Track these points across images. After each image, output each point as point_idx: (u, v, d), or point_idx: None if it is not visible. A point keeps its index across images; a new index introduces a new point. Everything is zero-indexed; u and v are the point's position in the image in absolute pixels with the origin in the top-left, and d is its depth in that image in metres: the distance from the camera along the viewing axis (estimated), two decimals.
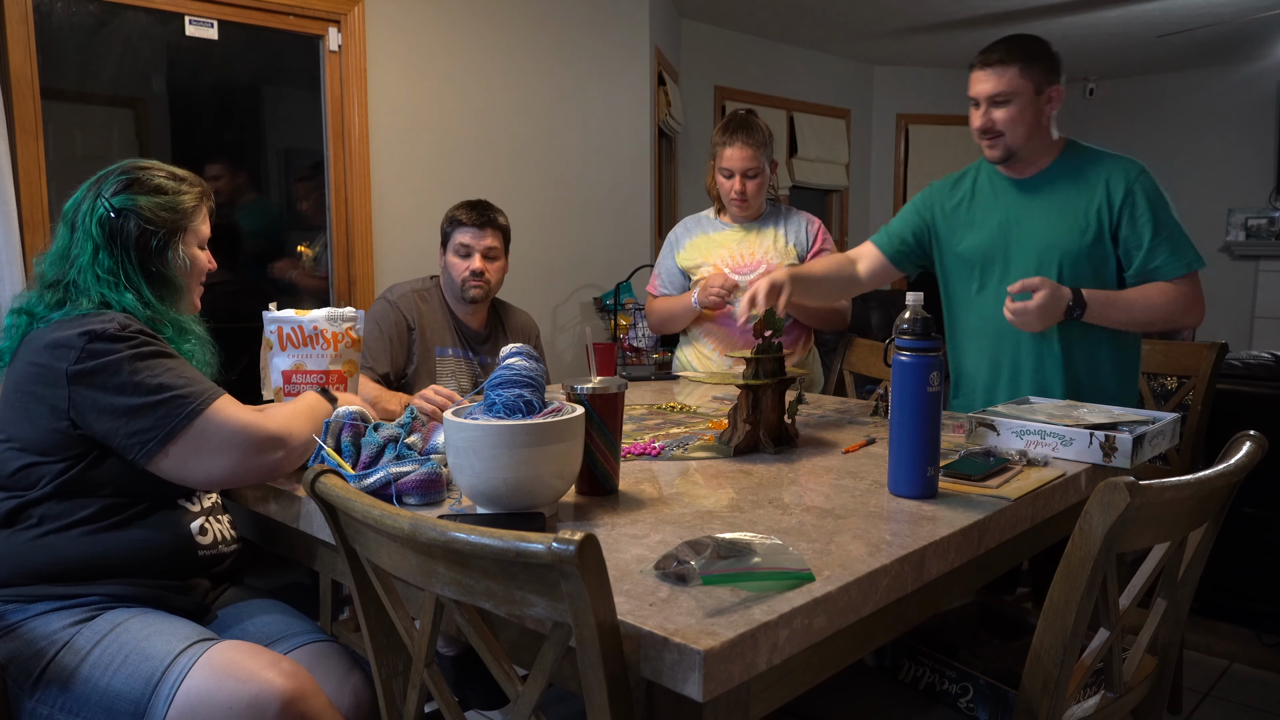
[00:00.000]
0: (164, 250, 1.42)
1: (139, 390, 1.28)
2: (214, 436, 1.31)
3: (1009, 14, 5.14)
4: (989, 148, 1.92)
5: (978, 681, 1.30)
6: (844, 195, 6.46)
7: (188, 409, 1.30)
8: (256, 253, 3.34)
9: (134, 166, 1.45)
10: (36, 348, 1.32)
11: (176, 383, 1.31)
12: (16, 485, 1.33)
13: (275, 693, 1.20)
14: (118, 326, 1.31)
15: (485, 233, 2.28)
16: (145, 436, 1.29)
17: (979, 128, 1.90)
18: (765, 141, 2.42)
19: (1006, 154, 1.91)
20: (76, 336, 1.29)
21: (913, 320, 1.32)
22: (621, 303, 3.66)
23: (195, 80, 3.14)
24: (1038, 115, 1.88)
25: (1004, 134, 1.87)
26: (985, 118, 1.88)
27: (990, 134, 1.89)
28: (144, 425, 1.29)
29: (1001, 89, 1.84)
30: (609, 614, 0.81)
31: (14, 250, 2.36)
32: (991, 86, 1.85)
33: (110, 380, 1.28)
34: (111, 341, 1.29)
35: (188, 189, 1.47)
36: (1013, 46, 1.85)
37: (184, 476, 1.34)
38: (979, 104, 1.89)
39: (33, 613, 1.28)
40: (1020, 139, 1.88)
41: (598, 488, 1.34)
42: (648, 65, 4.14)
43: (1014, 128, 1.87)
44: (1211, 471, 1.15)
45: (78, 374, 1.28)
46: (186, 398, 1.31)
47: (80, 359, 1.28)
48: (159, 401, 1.29)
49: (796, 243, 2.48)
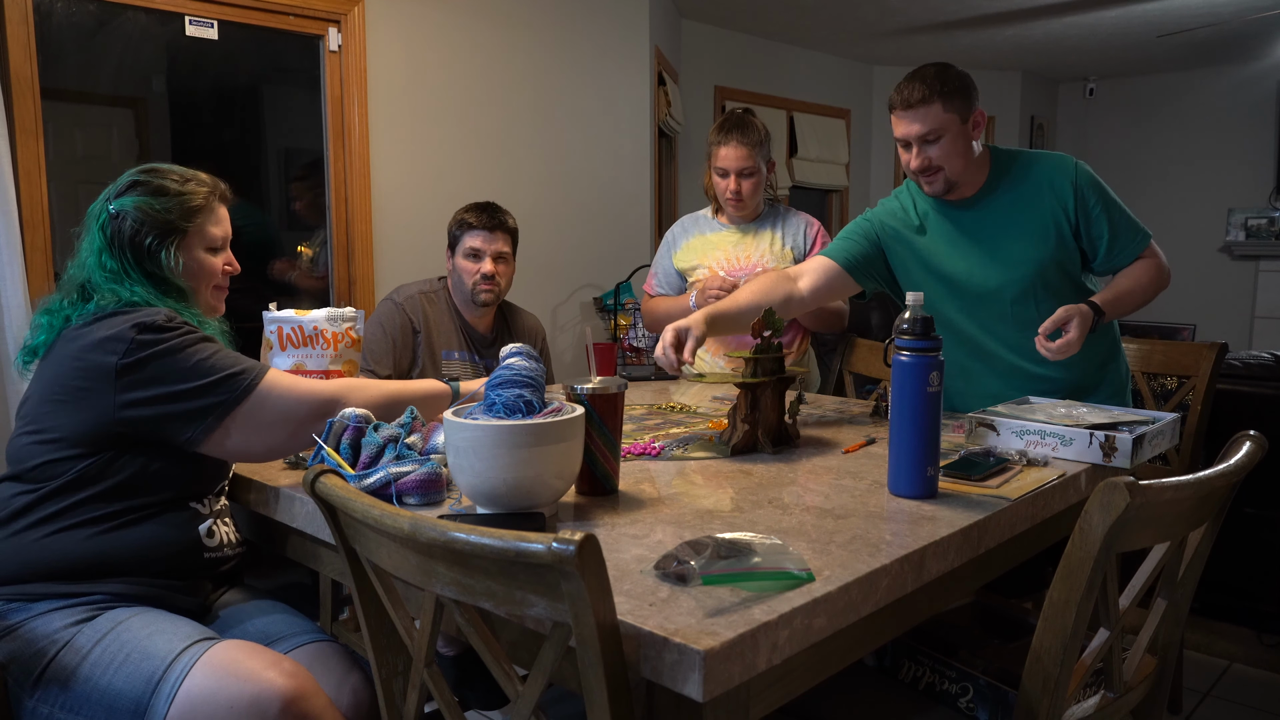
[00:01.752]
0: (157, 252, 1.42)
1: (194, 373, 1.32)
2: (273, 408, 1.35)
3: (1009, 14, 5.14)
4: (928, 184, 1.91)
5: (978, 681, 1.30)
6: (844, 195, 6.46)
7: (244, 383, 1.34)
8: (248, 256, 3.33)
9: (146, 169, 1.46)
10: (84, 344, 1.33)
11: (226, 362, 1.35)
12: (35, 479, 1.33)
13: (276, 692, 1.20)
14: (165, 318, 1.35)
15: (496, 236, 2.27)
16: (203, 414, 1.32)
17: (917, 168, 1.88)
18: (761, 140, 2.40)
19: (947, 187, 1.90)
20: (128, 329, 1.31)
21: (913, 320, 1.32)
22: (621, 303, 3.66)
23: (195, 80, 3.14)
24: (968, 143, 1.87)
25: (942, 168, 1.87)
26: (921, 158, 1.86)
27: (929, 171, 1.88)
28: (200, 405, 1.32)
29: (930, 128, 1.83)
30: (609, 614, 0.81)
31: (14, 250, 2.36)
32: (919, 128, 1.83)
33: (162, 368, 1.31)
34: (160, 331, 1.32)
35: (194, 189, 1.46)
36: (929, 83, 1.82)
37: (247, 450, 1.38)
38: (910, 145, 1.88)
39: (35, 612, 1.28)
40: (958, 170, 1.88)
41: (598, 488, 1.34)
42: (648, 65, 4.14)
43: (950, 161, 1.86)
44: (1211, 471, 1.15)
45: (127, 366, 1.30)
46: (241, 373, 1.35)
47: (130, 350, 1.30)
48: (214, 381, 1.33)
49: (794, 245, 2.47)
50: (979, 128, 1.88)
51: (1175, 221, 6.65)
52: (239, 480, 1.51)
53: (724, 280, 2.39)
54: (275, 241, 3.44)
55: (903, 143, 1.89)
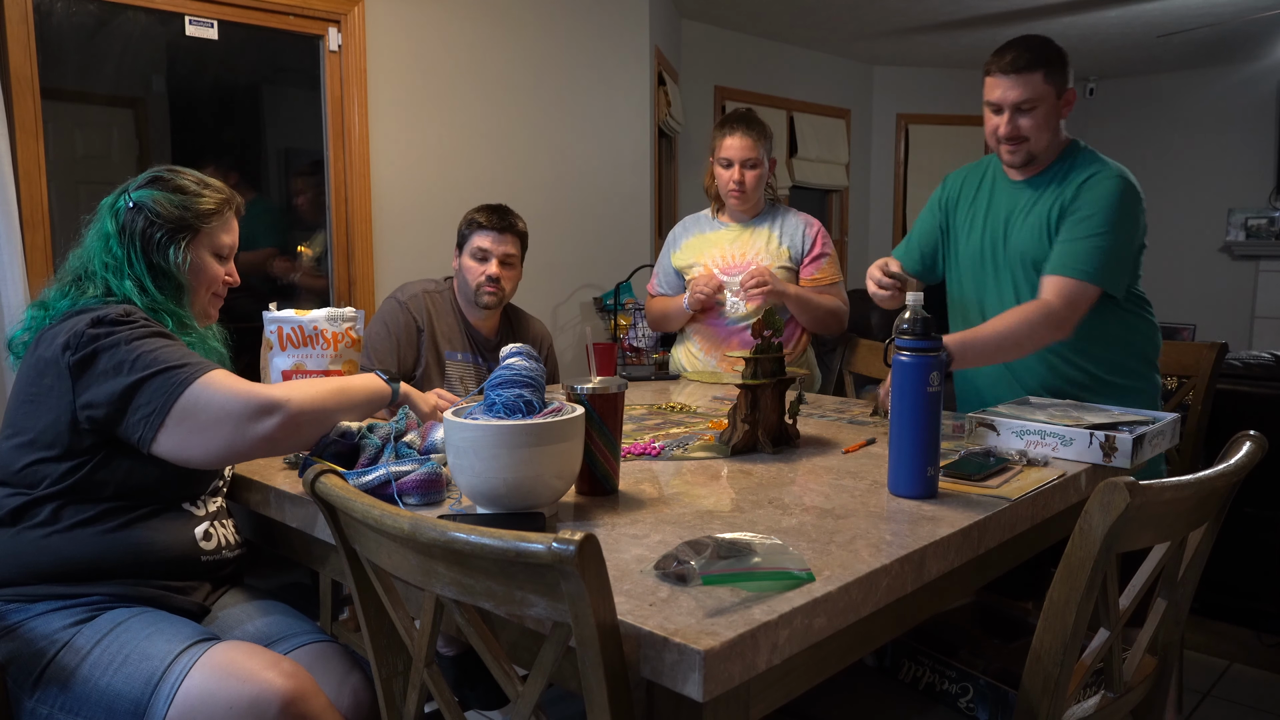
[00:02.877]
0: (167, 245, 1.42)
1: (135, 367, 1.28)
2: (207, 407, 1.28)
3: (1009, 14, 5.14)
4: (1011, 153, 1.87)
5: (978, 681, 1.30)
6: (844, 195, 6.46)
7: (178, 379, 1.28)
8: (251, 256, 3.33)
9: (166, 168, 1.48)
10: (47, 342, 1.33)
11: (170, 357, 1.30)
12: (22, 483, 1.33)
13: (276, 693, 1.20)
14: (121, 312, 1.33)
15: (505, 238, 2.26)
16: (146, 414, 1.28)
17: (1005, 135, 1.84)
18: (765, 135, 2.44)
19: (1028, 159, 1.87)
20: (83, 324, 1.30)
21: (913, 320, 1.32)
22: (621, 303, 3.66)
23: (195, 80, 3.14)
24: (1058, 119, 1.85)
25: (1029, 139, 1.84)
26: (1011, 125, 1.83)
27: (1015, 140, 1.85)
28: (142, 402, 1.28)
29: (1028, 96, 1.80)
30: (609, 614, 0.81)
31: (14, 250, 2.36)
32: (1018, 94, 1.80)
33: (109, 361, 1.29)
34: (112, 325, 1.31)
35: (210, 194, 1.47)
36: (1035, 51, 1.80)
37: (187, 455, 1.30)
38: (1001, 110, 1.84)
39: (33, 612, 1.28)
40: (1043, 144, 1.85)
41: (598, 488, 1.34)
42: (648, 65, 4.14)
43: (1039, 134, 1.83)
44: (1211, 471, 1.15)
45: (79, 362, 1.29)
46: (179, 367, 1.29)
47: (82, 344, 1.29)
48: (151, 375, 1.28)
49: (791, 244, 2.47)
50: (1069, 106, 1.86)
51: (1175, 221, 6.65)
52: (239, 480, 1.51)
53: (711, 279, 2.41)
54: (281, 232, 3.43)
55: (994, 107, 1.85)
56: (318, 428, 1.38)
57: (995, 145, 1.90)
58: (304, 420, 1.34)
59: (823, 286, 2.48)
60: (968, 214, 2.04)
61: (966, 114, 6.71)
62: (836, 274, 2.52)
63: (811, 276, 2.48)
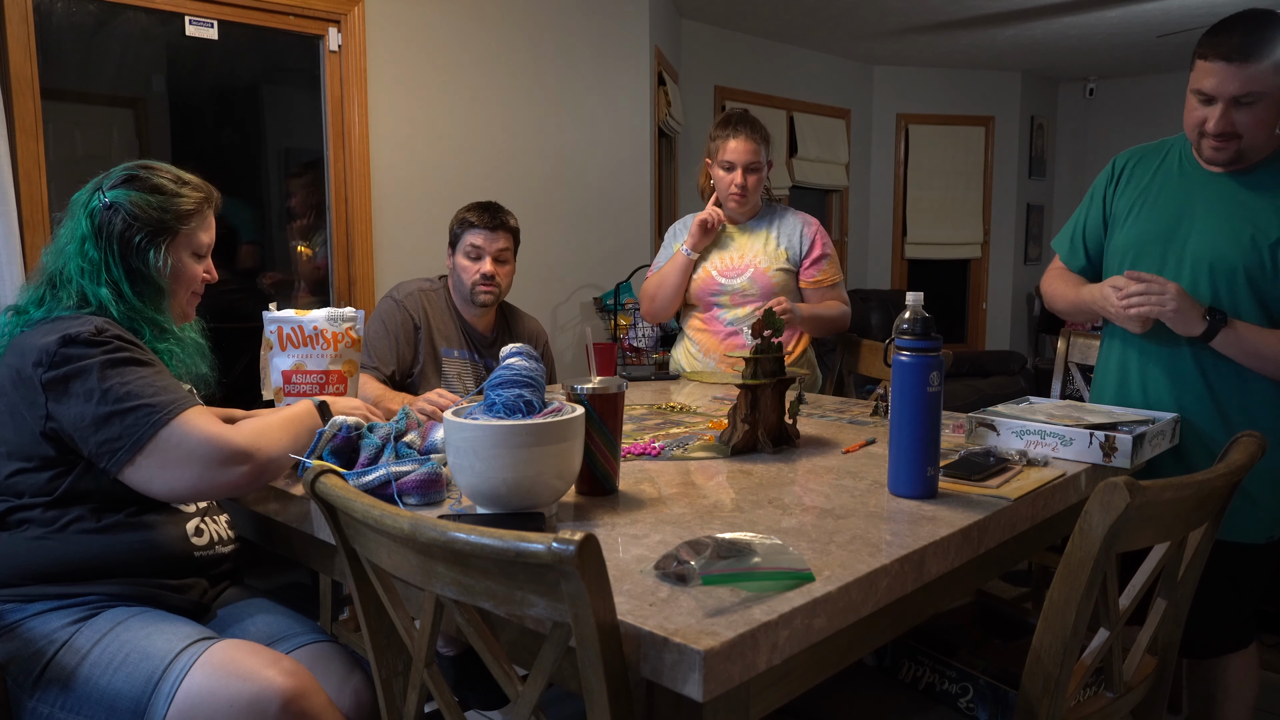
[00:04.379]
0: (146, 249, 1.40)
1: (107, 398, 1.26)
2: (179, 448, 1.27)
3: (1009, 14, 5.14)
4: (1217, 150, 1.63)
5: (978, 681, 1.30)
6: (844, 195, 6.46)
7: (154, 418, 1.26)
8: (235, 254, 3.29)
9: (140, 165, 1.45)
10: (19, 352, 1.31)
11: (146, 391, 1.28)
12: (7, 491, 1.33)
13: (276, 691, 1.20)
14: (93, 330, 1.29)
15: (497, 235, 2.27)
16: (114, 445, 1.26)
17: (1215, 130, 1.60)
18: (766, 138, 2.45)
19: (1237, 158, 1.64)
20: (54, 341, 1.28)
21: (913, 320, 1.32)
22: (621, 303, 3.66)
23: (195, 80, 3.14)
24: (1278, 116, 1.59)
25: (1242, 137, 1.60)
26: (1224, 120, 1.58)
27: (1227, 137, 1.60)
28: (112, 434, 1.26)
29: (1252, 89, 1.54)
30: (609, 614, 0.81)
31: (14, 250, 2.36)
32: (1239, 86, 1.55)
33: (81, 386, 1.27)
34: (86, 346, 1.28)
35: (189, 193, 1.45)
36: (1266, 36, 1.53)
37: (148, 488, 1.30)
38: (1213, 101, 1.59)
39: (31, 612, 1.28)
40: (1259, 142, 1.61)
41: (598, 488, 1.34)
42: (648, 65, 4.14)
43: (1256, 131, 1.59)
44: (1211, 471, 1.15)
45: (51, 380, 1.27)
46: (154, 407, 1.27)
47: (54, 364, 1.27)
48: (127, 409, 1.26)
49: (789, 245, 2.47)
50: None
51: None
52: None
53: (715, 212, 2.44)
54: (256, 230, 3.38)
55: (1204, 97, 1.61)
56: (280, 471, 1.37)
57: (1196, 139, 1.67)
58: (271, 469, 1.35)
59: (824, 288, 2.48)
60: (1137, 199, 1.79)
61: (966, 114, 6.71)
62: (837, 274, 2.52)
63: (813, 279, 2.48)
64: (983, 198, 6.83)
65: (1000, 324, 6.95)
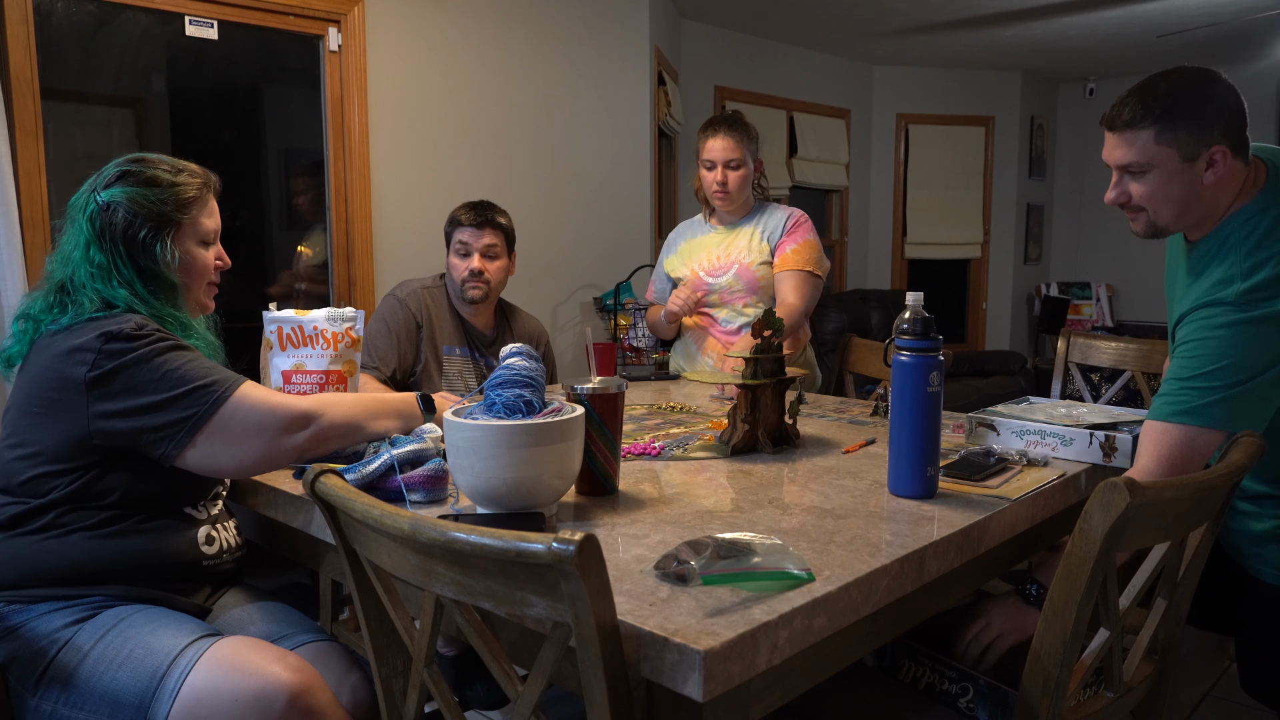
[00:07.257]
0: (151, 245, 1.38)
1: (163, 385, 1.27)
2: (243, 420, 1.29)
3: (1009, 14, 5.14)
4: (1130, 222, 1.52)
5: (978, 681, 1.30)
6: (844, 195, 6.46)
7: (213, 397, 1.29)
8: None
9: (133, 159, 1.43)
10: (54, 353, 1.30)
11: (198, 374, 1.30)
12: (25, 493, 1.32)
13: (282, 686, 1.19)
14: (134, 326, 1.30)
15: (484, 231, 2.29)
16: (174, 429, 1.28)
17: (1108, 201, 1.52)
18: (749, 135, 2.41)
19: (1153, 231, 1.50)
20: (94, 339, 1.27)
21: (913, 320, 1.32)
22: (621, 303, 3.66)
23: (195, 80, 3.14)
24: (1189, 188, 1.42)
25: (1145, 209, 1.48)
26: (1117, 189, 1.48)
27: (1131, 209, 1.50)
28: (171, 418, 1.27)
29: (1133, 159, 1.44)
30: (609, 614, 0.81)
31: (14, 250, 2.36)
32: (1122, 155, 1.45)
33: (132, 379, 1.27)
34: (128, 341, 1.28)
35: (186, 180, 1.43)
36: (1148, 102, 1.42)
37: (215, 466, 1.31)
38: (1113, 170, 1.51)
39: (35, 614, 1.28)
40: (1169, 217, 1.46)
41: (598, 488, 1.34)
42: (648, 65, 4.14)
43: (1158, 204, 1.45)
44: (1211, 471, 1.15)
45: (96, 379, 1.26)
46: (210, 386, 1.29)
47: (98, 361, 1.26)
48: (184, 393, 1.28)
49: (769, 238, 2.45)
50: (1216, 168, 1.41)
51: None
52: (240, 481, 1.51)
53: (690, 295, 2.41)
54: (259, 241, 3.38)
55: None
56: (345, 441, 1.39)
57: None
58: (334, 434, 1.36)
59: (782, 272, 2.39)
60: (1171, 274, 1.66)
61: (967, 114, 6.71)
62: (803, 262, 2.39)
63: (775, 262, 2.42)
64: (983, 198, 6.82)
65: (1000, 324, 6.95)
